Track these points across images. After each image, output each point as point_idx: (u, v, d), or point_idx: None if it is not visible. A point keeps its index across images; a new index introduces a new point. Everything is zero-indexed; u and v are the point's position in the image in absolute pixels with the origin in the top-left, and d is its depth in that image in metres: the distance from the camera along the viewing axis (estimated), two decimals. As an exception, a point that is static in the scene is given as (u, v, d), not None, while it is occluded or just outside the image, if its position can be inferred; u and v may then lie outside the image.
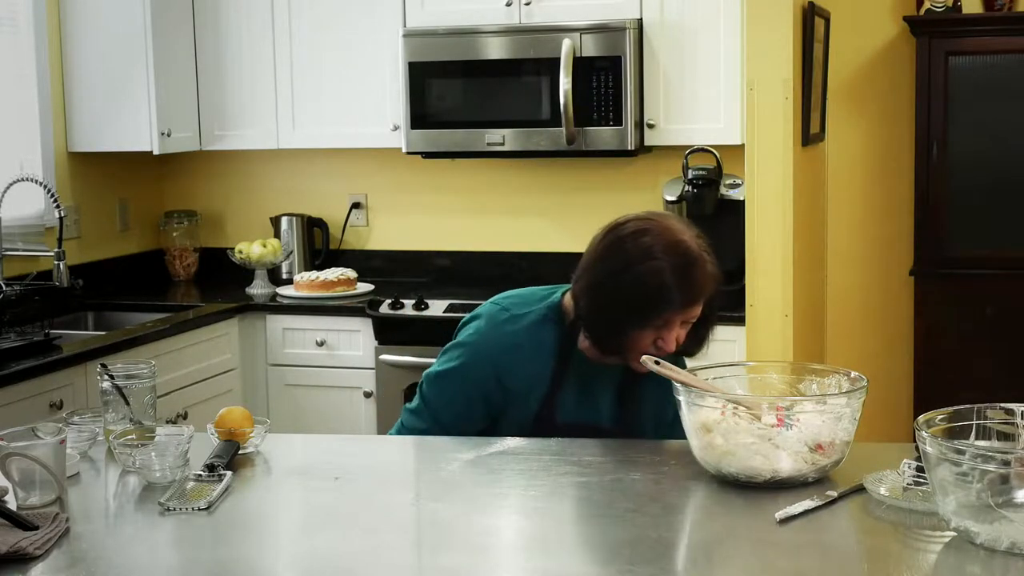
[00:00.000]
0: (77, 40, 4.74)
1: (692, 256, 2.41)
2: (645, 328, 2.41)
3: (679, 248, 2.41)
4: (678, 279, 2.39)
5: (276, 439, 2.51)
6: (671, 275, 2.38)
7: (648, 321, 2.41)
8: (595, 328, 2.47)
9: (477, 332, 2.55)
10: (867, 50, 5.01)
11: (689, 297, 2.41)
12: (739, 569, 1.86)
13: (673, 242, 2.41)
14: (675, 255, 2.40)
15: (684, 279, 2.39)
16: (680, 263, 2.39)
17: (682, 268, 2.39)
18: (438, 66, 4.62)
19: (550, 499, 2.14)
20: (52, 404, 3.66)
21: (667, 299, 2.39)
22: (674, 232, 2.43)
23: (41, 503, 2.10)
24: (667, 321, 2.41)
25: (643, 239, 2.42)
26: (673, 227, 2.45)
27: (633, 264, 2.41)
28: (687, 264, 2.40)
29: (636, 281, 2.40)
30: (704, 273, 2.42)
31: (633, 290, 2.40)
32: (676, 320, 2.42)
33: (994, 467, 1.80)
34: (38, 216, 4.57)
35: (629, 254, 2.42)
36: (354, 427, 4.56)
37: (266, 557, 1.97)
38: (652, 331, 2.42)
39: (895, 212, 5.02)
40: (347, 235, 5.22)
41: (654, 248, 2.40)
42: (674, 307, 2.40)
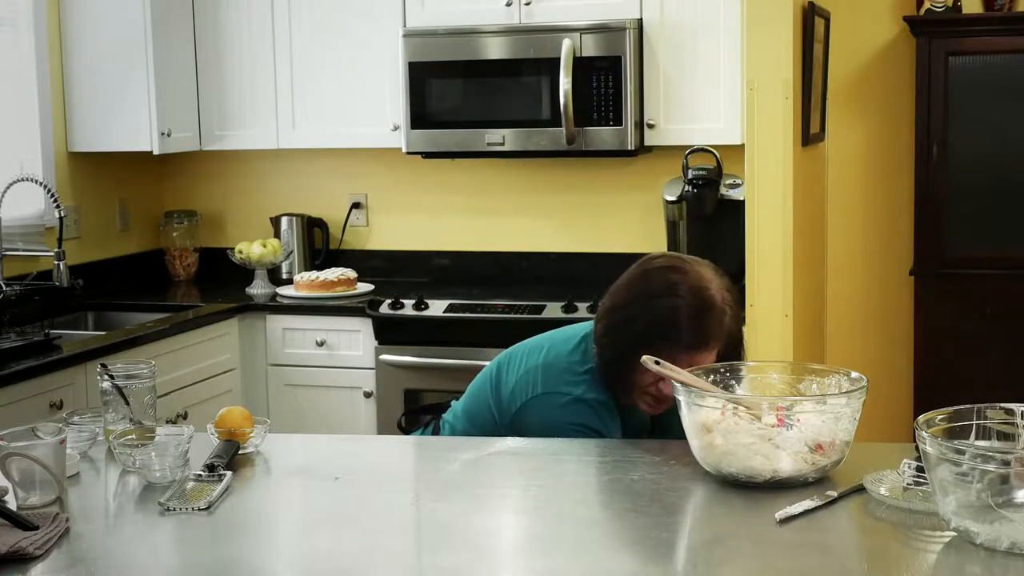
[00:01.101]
0: (77, 40, 4.74)
1: (711, 303, 2.41)
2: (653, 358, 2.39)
3: (702, 292, 2.42)
4: (690, 320, 2.39)
5: (276, 439, 2.51)
6: (684, 314, 2.39)
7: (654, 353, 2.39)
8: (604, 353, 2.48)
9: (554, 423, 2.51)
10: (867, 50, 5.01)
11: (696, 341, 2.40)
12: (739, 569, 1.86)
13: (698, 286, 2.42)
14: (695, 297, 2.41)
15: (696, 322, 2.40)
16: (697, 306, 2.40)
17: (697, 311, 2.40)
18: (438, 66, 4.62)
19: (550, 499, 2.14)
20: (52, 404, 3.66)
21: (673, 337, 2.39)
22: (703, 278, 2.44)
23: (41, 503, 2.10)
24: (671, 361, 2.38)
25: (670, 275, 2.44)
26: (703, 273, 2.45)
27: (653, 296, 2.43)
28: (704, 309, 2.40)
29: (650, 312, 2.41)
30: (718, 323, 2.42)
31: (645, 320, 2.41)
32: (681, 361, 2.38)
33: (994, 467, 1.80)
34: (38, 216, 4.57)
35: (651, 285, 2.44)
36: (354, 427, 4.56)
37: (266, 557, 1.97)
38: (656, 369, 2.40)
39: (895, 212, 5.02)
40: (347, 235, 5.22)
41: (678, 286, 2.42)
42: (679, 347, 2.39)
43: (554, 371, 2.55)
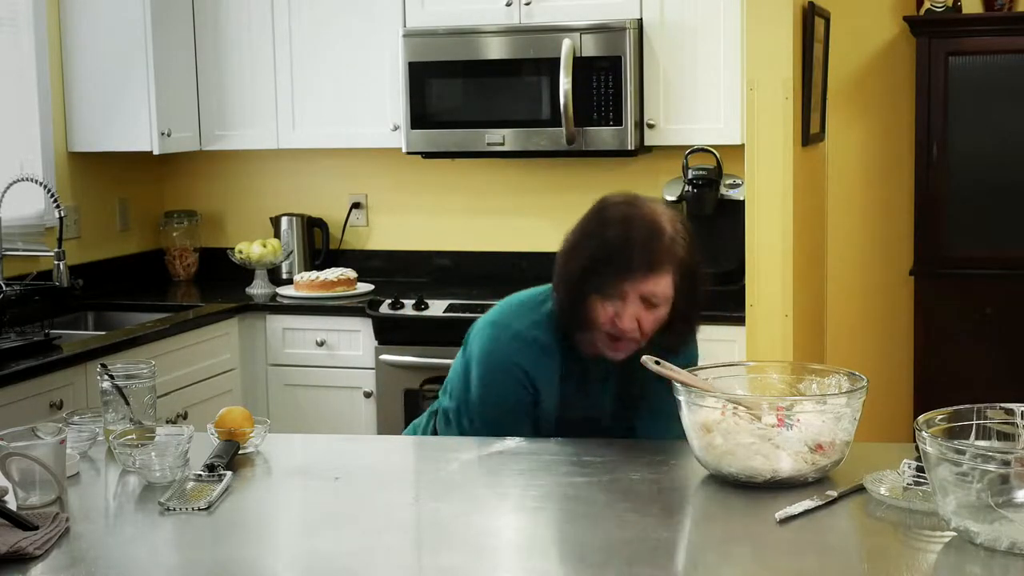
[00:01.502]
0: (77, 40, 4.74)
1: (659, 230, 2.41)
2: (602, 297, 2.40)
3: (650, 222, 2.42)
4: (638, 246, 2.39)
5: (276, 439, 2.51)
6: (631, 240, 2.39)
7: (603, 287, 2.40)
8: (559, 291, 2.48)
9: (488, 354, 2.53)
10: (867, 50, 5.01)
11: (644, 265, 2.38)
12: (739, 569, 1.86)
13: (648, 217, 2.43)
14: (643, 227, 2.41)
15: (643, 247, 2.39)
16: (645, 234, 2.40)
17: (645, 238, 2.40)
18: (438, 66, 4.61)
19: (550, 499, 2.14)
20: (52, 404, 3.66)
21: (620, 263, 2.39)
22: (655, 211, 2.45)
23: (41, 503, 2.10)
24: (622, 292, 2.39)
25: (621, 209, 2.45)
26: (656, 208, 2.47)
27: (603, 228, 2.44)
28: (651, 236, 2.40)
29: (599, 243, 2.42)
30: (667, 250, 2.40)
31: (594, 251, 2.42)
32: (631, 293, 2.39)
33: (994, 467, 1.80)
34: (38, 216, 4.57)
35: (604, 220, 2.46)
36: (354, 427, 4.56)
37: (266, 557, 1.97)
38: (609, 303, 2.40)
39: (895, 212, 5.02)
40: (347, 235, 5.21)
41: (627, 217, 2.43)
42: (626, 273, 2.38)
43: (510, 306, 2.61)
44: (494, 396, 2.52)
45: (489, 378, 2.52)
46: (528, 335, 2.51)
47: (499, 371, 2.51)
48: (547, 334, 2.51)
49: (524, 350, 2.50)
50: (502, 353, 2.51)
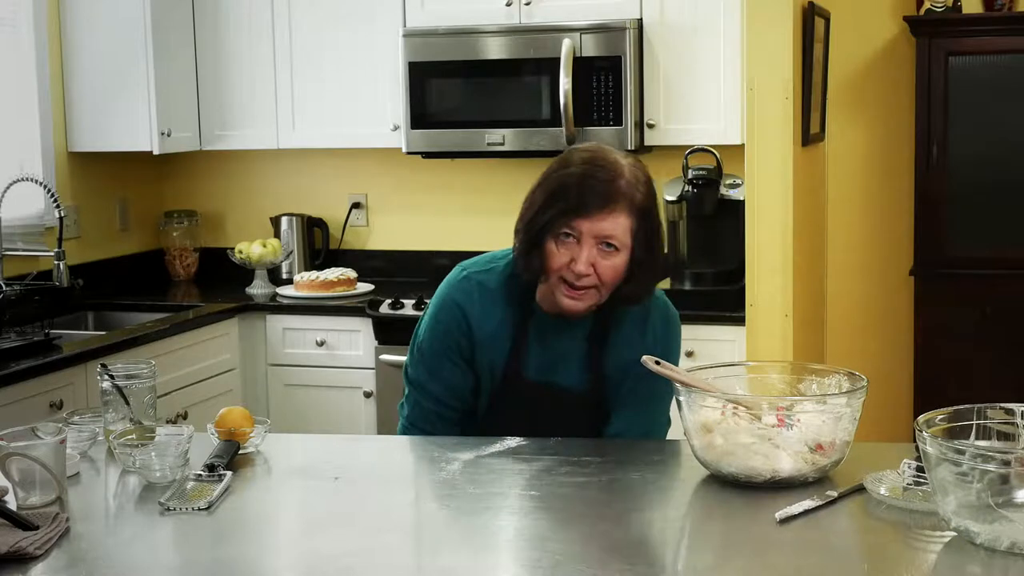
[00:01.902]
0: (77, 40, 4.74)
1: (611, 169, 2.40)
2: (556, 238, 2.41)
3: (610, 163, 2.41)
4: (586, 182, 2.38)
5: (276, 439, 2.51)
6: (588, 179, 2.39)
7: (557, 224, 2.40)
8: (517, 237, 2.49)
9: (438, 293, 2.61)
10: (867, 50, 5.01)
11: (597, 202, 2.37)
12: (739, 569, 1.86)
13: (608, 159, 2.42)
14: (602, 167, 2.40)
15: (599, 185, 2.38)
16: (595, 172, 2.40)
17: (593, 175, 2.39)
18: (438, 66, 4.62)
19: (550, 499, 2.14)
20: (52, 404, 3.66)
21: (575, 199, 2.38)
22: (616, 157, 2.44)
23: (41, 503, 2.10)
24: (577, 231, 2.39)
25: (585, 153, 2.45)
26: (619, 155, 2.46)
27: (563, 168, 2.44)
28: (601, 174, 2.39)
29: (556, 181, 2.43)
30: (622, 190, 2.39)
31: (551, 188, 2.43)
32: (586, 233, 2.38)
33: (994, 467, 1.80)
34: (38, 216, 4.57)
35: (565, 161, 2.46)
36: (354, 427, 4.56)
37: (266, 557, 1.97)
38: (564, 247, 2.40)
39: (895, 212, 5.02)
40: (347, 235, 5.22)
41: (588, 160, 2.42)
42: (580, 209, 2.38)
43: (476, 257, 2.65)
44: (431, 334, 2.58)
45: (431, 317, 2.59)
46: (475, 278, 2.57)
47: (440, 310, 2.57)
48: (497, 282, 2.55)
49: (467, 291, 2.55)
50: (446, 292, 2.58)
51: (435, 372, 2.57)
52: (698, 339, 4.19)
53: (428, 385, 2.58)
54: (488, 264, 2.61)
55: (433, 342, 2.57)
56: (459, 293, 2.56)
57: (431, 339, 2.58)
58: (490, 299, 2.54)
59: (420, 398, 2.59)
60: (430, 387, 2.58)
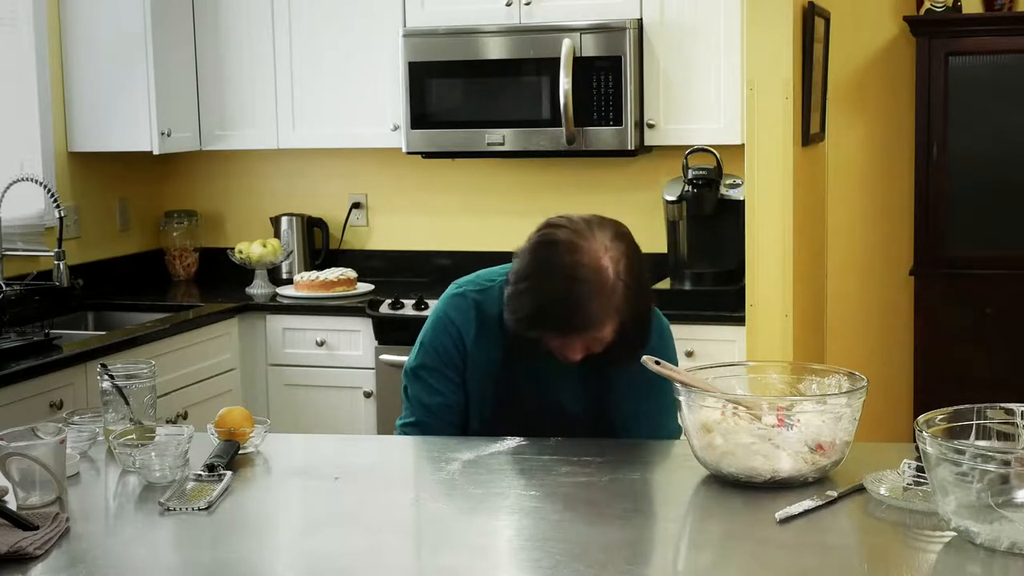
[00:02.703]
0: (77, 40, 4.74)
1: (602, 282, 2.35)
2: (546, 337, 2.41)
3: (594, 271, 2.35)
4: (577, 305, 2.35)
5: (276, 439, 2.51)
6: (575, 298, 2.34)
7: (545, 332, 2.40)
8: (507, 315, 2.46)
9: (433, 311, 2.65)
10: (867, 50, 5.01)
11: (583, 325, 2.36)
12: (739, 569, 1.86)
13: (592, 265, 2.35)
14: (587, 280, 2.34)
15: (582, 307, 2.35)
16: (585, 291, 2.34)
17: (584, 296, 2.34)
18: (438, 66, 4.62)
19: (550, 499, 2.14)
20: (52, 404, 3.66)
21: (564, 320, 2.37)
22: (598, 255, 2.36)
23: (41, 503, 2.10)
24: (564, 338, 2.40)
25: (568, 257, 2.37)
26: (598, 247, 2.37)
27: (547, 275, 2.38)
28: (591, 294, 2.34)
29: (542, 293, 2.38)
30: (605, 306, 2.35)
31: (537, 300, 2.38)
32: (575, 339, 2.39)
33: (994, 467, 1.80)
34: (38, 216, 4.57)
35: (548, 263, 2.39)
36: (354, 427, 4.56)
37: (266, 557, 1.97)
38: (556, 340, 2.41)
39: (895, 212, 5.02)
40: (347, 235, 5.22)
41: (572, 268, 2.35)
42: (567, 330, 2.38)
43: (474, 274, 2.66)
44: (427, 349, 2.60)
45: (427, 333, 2.62)
46: (471, 296, 2.59)
47: (436, 326, 2.60)
48: (492, 304, 2.54)
49: (464, 309, 2.57)
50: (441, 309, 2.61)
51: (434, 389, 2.57)
52: (698, 339, 4.19)
53: (429, 402, 2.58)
54: (485, 283, 2.60)
55: (430, 358, 2.59)
56: (454, 310, 2.58)
57: (428, 356, 2.59)
58: (485, 321, 2.55)
59: (421, 416, 2.59)
60: (431, 404, 2.57)
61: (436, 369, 2.58)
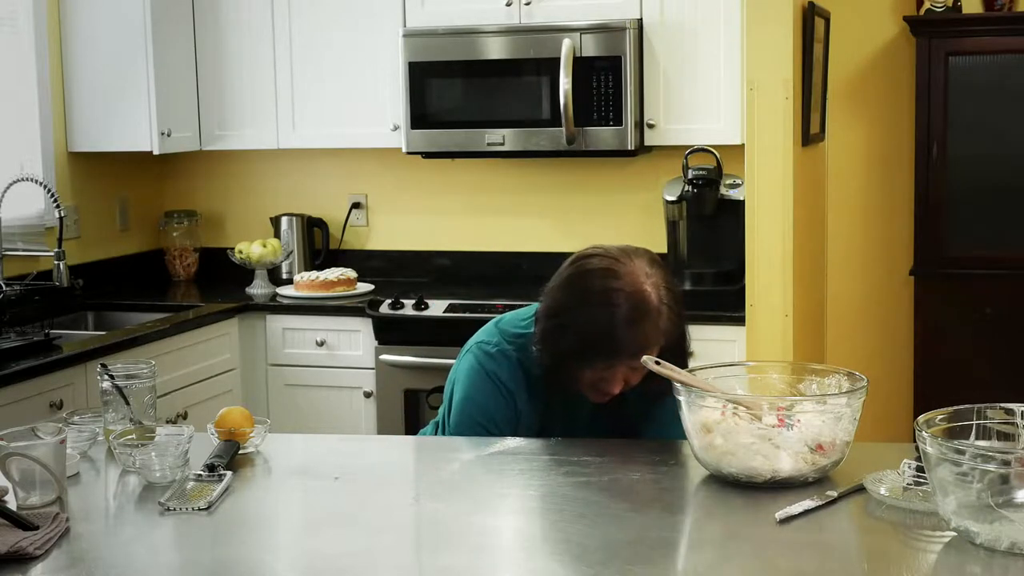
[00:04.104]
0: (77, 40, 4.74)
1: (646, 310, 2.35)
2: (588, 368, 2.40)
3: (635, 296, 2.35)
4: (625, 330, 2.34)
5: (276, 439, 2.51)
6: (620, 325, 2.34)
7: (589, 364, 2.39)
8: (542, 358, 2.44)
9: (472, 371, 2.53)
10: (867, 50, 5.01)
11: (632, 350, 2.35)
12: (739, 569, 1.86)
13: (632, 289, 2.35)
14: (630, 306, 2.34)
15: (631, 330, 2.34)
16: (631, 316, 2.34)
17: (632, 320, 2.34)
18: (438, 66, 4.61)
19: (550, 499, 2.14)
20: (52, 404, 3.66)
21: (609, 348, 2.36)
22: (637, 279, 2.36)
23: (41, 503, 2.10)
24: (610, 367, 2.38)
25: (607, 282, 2.37)
26: (638, 274, 2.38)
27: (589, 303, 2.37)
28: (639, 318, 2.34)
29: (585, 322, 2.36)
30: (654, 328, 2.36)
31: (580, 331, 2.37)
32: (619, 367, 2.38)
33: (994, 467, 1.80)
34: (38, 216, 4.57)
35: (587, 292, 2.38)
36: (354, 427, 4.56)
37: (266, 557, 1.97)
38: (596, 372, 2.40)
39: (895, 212, 5.02)
40: (347, 235, 5.22)
41: (613, 293, 2.35)
42: (615, 357, 2.37)
43: (496, 327, 2.57)
44: (476, 404, 2.50)
45: (475, 387, 2.51)
46: (512, 355, 2.51)
47: (485, 381, 2.50)
48: (530, 358, 2.48)
49: (508, 367, 2.50)
50: (488, 366, 2.51)
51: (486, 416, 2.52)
52: (698, 339, 4.14)
53: None
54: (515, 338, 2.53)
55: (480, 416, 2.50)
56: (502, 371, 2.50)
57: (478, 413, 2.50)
58: (527, 377, 2.50)
59: None
60: None
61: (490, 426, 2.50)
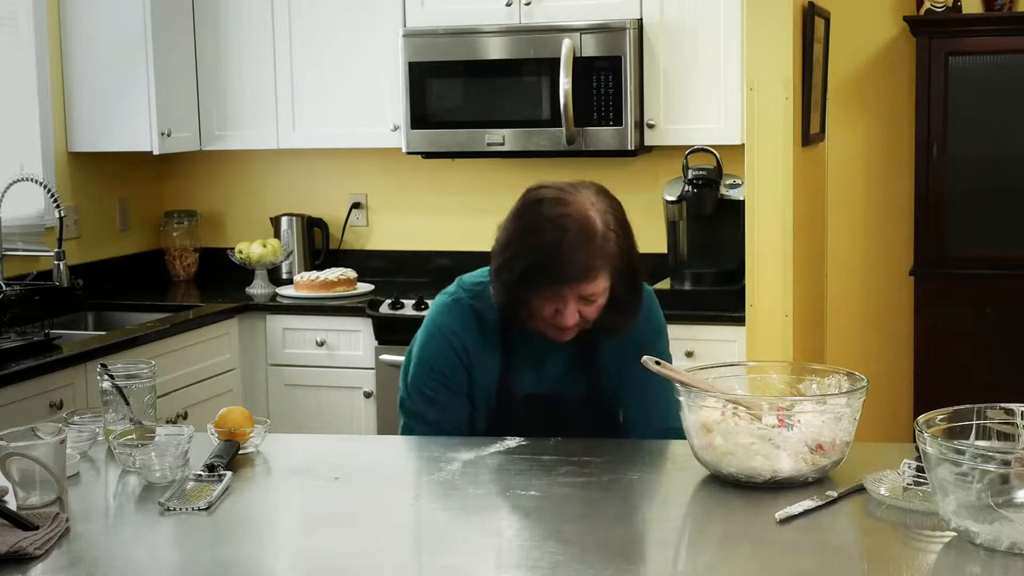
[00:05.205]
0: (77, 40, 4.74)
1: (590, 233, 2.37)
2: (539, 298, 2.41)
3: (582, 222, 2.38)
4: (569, 253, 2.36)
5: (276, 439, 2.51)
6: (563, 247, 2.36)
7: (539, 291, 2.40)
8: (496, 290, 2.47)
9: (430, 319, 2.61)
10: (867, 50, 5.01)
11: (577, 273, 2.37)
12: (739, 569, 1.86)
13: (580, 216, 2.38)
14: (575, 230, 2.37)
15: (575, 254, 2.36)
16: (575, 240, 2.37)
17: (569, 243, 2.37)
18: (438, 66, 4.62)
19: (550, 499, 2.14)
20: (52, 404, 3.66)
21: (554, 271, 2.38)
22: (585, 208, 2.40)
23: (41, 503, 2.10)
24: (559, 294, 2.39)
25: (555, 208, 2.40)
26: (584, 201, 2.41)
27: (534, 231, 2.41)
28: (582, 242, 2.37)
29: (533, 249, 2.40)
30: (599, 253, 2.38)
31: (529, 257, 2.40)
32: (568, 295, 2.39)
33: (994, 467, 1.80)
34: (38, 216, 4.57)
35: (535, 219, 2.42)
36: (354, 427, 4.56)
37: (266, 557, 1.97)
38: (548, 302, 2.41)
39: (895, 212, 5.02)
40: (347, 235, 5.22)
41: (559, 219, 2.39)
42: (562, 281, 2.38)
43: (459, 281, 2.63)
44: (429, 365, 2.56)
45: (426, 343, 2.58)
46: (466, 303, 2.56)
47: (437, 338, 2.57)
48: (490, 310, 2.52)
49: (463, 317, 2.55)
50: (439, 320, 2.57)
51: (441, 405, 2.56)
52: (698, 339, 4.19)
53: (426, 414, 2.57)
54: (474, 287, 2.58)
55: (435, 374, 2.55)
56: (454, 320, 2.56)
57: (433, 372, 2.56)
58: (484, 326, 2.54)
59: (415, 425, 2.58)
60: (428, 416, 2.57)
61: (443, 384, 2.55)
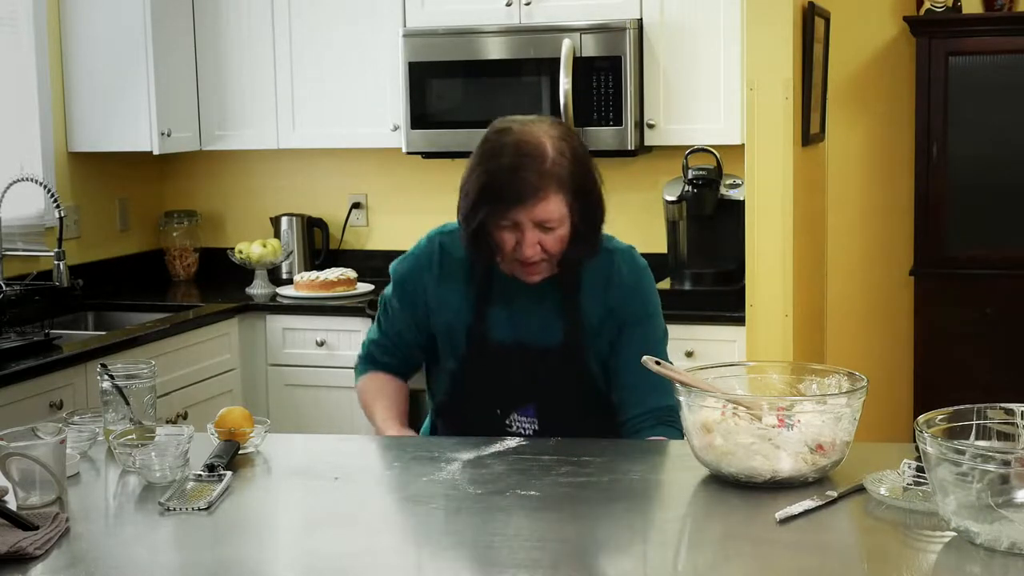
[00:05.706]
0: (77, 40, 4.74)
1: (537, 155, 2.42)
2: (498, 228, 2.45)
3: (529, 147, 2.43)
4: (514, 175, 2.41)
5: (276, 439, 2.51)
6: (510, 171, 2.42)
7: (495, 219, 2.44)
8: (461, 224, 2.53)
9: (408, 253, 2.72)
10: (867, 50, 5.01)
11: (522, 193, 2.41)
12: (739, 569, 1.86)
13: (525, 142, 2.44)
14: (520, 155, 2.42)
15: (520, 176, 2.41)
16: (522, 162, 2.42)
17: (520, 166, 2.41)
18: (438, 66, 4.62)
19: (550, 499, 2.14)
20: (52, 404, 3.66)
21: (505, 194, 2.42)
22: (536, 132, 2.46)
23: (41, 503, 2.10)
24: (515, 222, 2.43)
25: (503, 138, 2.47)
26: (537, 130, 2.47)
27: (489, 157, 2.48)
28: (528, 164, 2.41)
29: (485, 172, 2.46)
30: (548, 176, 2.41)
31: (483, 182, 2.46)
32: (522, 219, 2.43)
33: (994, 467, 1.80)
34: (38, 216, 4.57)
35: (485, 151, 2.50)
36: (354, 427, 4.55)
37: (266, 557, 1.97)
38: (507, 232, 2.45)
39: (895, 212, 5.02)
40: (347, 235, 5.22)
41: (506, 147, 2.45)
42: (513, 203, 2.41)
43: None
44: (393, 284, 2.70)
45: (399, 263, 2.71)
46: (437, 240, 2.66)
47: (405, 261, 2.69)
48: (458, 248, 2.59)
49: (428, 250, 2.65)
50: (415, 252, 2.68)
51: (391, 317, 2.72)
52: (698, 339, 4.19)
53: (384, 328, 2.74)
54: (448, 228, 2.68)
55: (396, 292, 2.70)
56: (424, 256, 2.66)
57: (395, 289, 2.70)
58: (448, 261, 2.62)
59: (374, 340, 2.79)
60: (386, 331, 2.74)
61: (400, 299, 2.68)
